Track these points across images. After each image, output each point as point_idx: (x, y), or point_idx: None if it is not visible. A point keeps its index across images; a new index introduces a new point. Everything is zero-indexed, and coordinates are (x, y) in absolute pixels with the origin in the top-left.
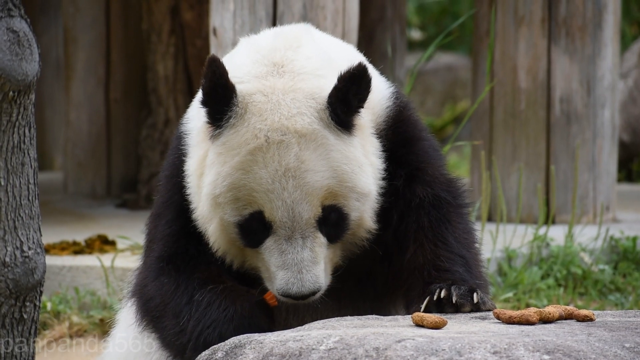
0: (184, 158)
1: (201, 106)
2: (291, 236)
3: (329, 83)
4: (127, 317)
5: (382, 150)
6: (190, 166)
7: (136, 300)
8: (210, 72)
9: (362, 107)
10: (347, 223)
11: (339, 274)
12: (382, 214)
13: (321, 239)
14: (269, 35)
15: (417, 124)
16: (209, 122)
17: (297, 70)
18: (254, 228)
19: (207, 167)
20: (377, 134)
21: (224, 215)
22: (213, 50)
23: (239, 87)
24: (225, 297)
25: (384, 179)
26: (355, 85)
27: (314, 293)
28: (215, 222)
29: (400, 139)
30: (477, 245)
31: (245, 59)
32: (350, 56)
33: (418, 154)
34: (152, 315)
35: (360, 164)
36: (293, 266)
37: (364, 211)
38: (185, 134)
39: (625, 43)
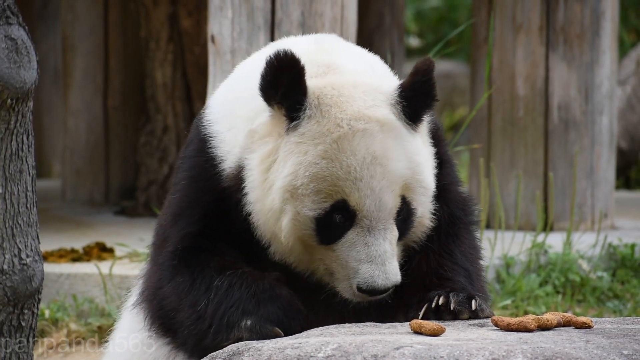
0: (214, 160)
1: (274, 103)
2: (374, 227)
3: (385, 82)
4: (128, 324)
5: None
6: (252, 161)
7: (147, 305)
8: (289, 65)
9: (435, 102)
10: (413, 219)
11: None
12: None
13: (396, 232)
14: (304, 42)
15: (446, 145)
16: (286, 115)
17: (351, 70)
18: (334, 221)
19: (281, 160)
20: None
21: (301, 209)
22: (211, 58)
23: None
24: (246, 278)
25: None
26: (429, 80)
27: (394, 286)
28: (288, 217)
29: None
30: (481, 261)
31: None
32: (379, 63)
33: (445, 175)
34: (166, 316)
35: (426, 160)
36: (377, 258)
37: (426, 209)
38: (212, 136)
39: (623, 50)
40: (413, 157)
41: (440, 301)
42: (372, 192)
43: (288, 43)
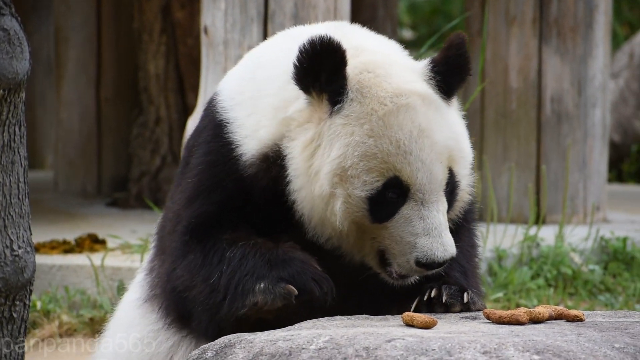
0: (231, 145)
1: (315, 88)
2: (427, 200)
3: (407, 59)
4: (128, 320)
5: None
6: (294, 149)
7: (161, 293)
8: (332, 50)
9: (470, 76)
10: (458, 192)
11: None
12: None
13: (446, 204)
14: (323, 28)
15: None
16: (329, 100)
17: (381, 50)
18: (387, 198)
19: (326, 144)
20: None
21: (353, 191)
22: (204, 50)
23: None
24: (259, 247)
25: None
26: (463, 54)
27: (451, 257)
28: (340, 201)
29: None
30: (478, 260)
31: None
32: (399, 46)
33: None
34: (179, 298)
35: (464, 131)
36: (434, 230)
37: (467, 182)
38: (229, 122)
39: (616, 43)
40: (454, 127)
41: (433, 294)
42: (423, 165)
43: (305, 30)
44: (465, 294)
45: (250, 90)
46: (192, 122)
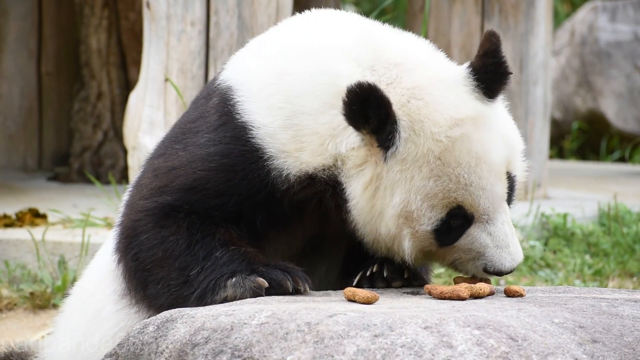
0: (258, 152)
1: (365, 133)
2: (492, 217)
3: (447, 65)
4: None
5: None
6: (354, 190)
7: (122, 256)
8: (376, 104)
9: (510, 77)
10: (515, 185)
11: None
12: None
13: (508, 209)
14: (348, 34)
15: None
16: (380, 146)
17: (418, 64)
18: (452, 226)
19: (386, 188)
20: None
21: (419, 227)
22: (146, 24)
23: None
24: (249, 257)
25: None
26: (500, 60)
27: (519, 262)
28: (407, 238)
29: None
30: None
31: (342, 65)
32: (419, 40)
33: None
34: (141, 269)
35: (511, 124)
36: (501, 243)
37: (521, 169)
38: (254, 126)
39: (558, 21)
40: (505, 132)
41: (375, 269)
42: (484, 192)
43: (328, 30)
44: (406, 270)
45: (279, 100)
46: (134, 97)
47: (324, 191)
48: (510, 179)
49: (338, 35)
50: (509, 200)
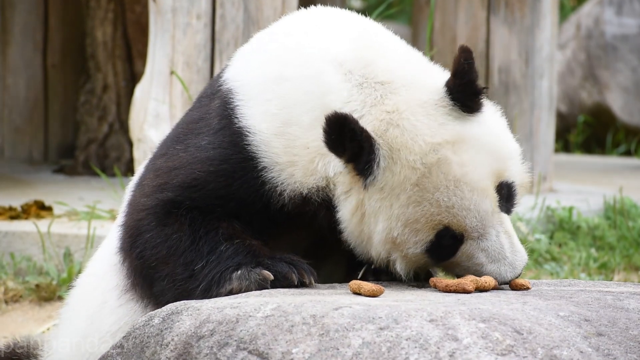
0: (253, 161)
1: (344, 161)
2: (484, 233)
3: (431, 81)
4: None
5: None
6: (344, 214)
7: (127, 255)
8: (351, 135)
9: (485, 92)
10: (515, 191)
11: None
12: None
13: (505, 217)
14: (340, 41)
15: None
16: (359, 175)
17: (402, 84)
18: (443, 245)
19: (371, 215)
20: None
21: (407, 251)
22: (152, 17)
23: (367, 127)
24: (254, 249)
25: None
26: (470, 81)
27: (524, 266)
28: (399, 260)
29: None
30: None
31: (333, 79)
32: (411, 52)
33: None
34: (146, 266)
35: (501, 131)
36: (498, 256)
37: (520, 173)
38: (250, 132)
39: (564, 14)
40: (492, 144)
41: None
42: (469, 211)
43: (323, 35)
44: None
45: (276, 106)
46: (140, 90)
47: (317, 210)
48: (507, 187)
49: (336, 43)
50: (509, 208)
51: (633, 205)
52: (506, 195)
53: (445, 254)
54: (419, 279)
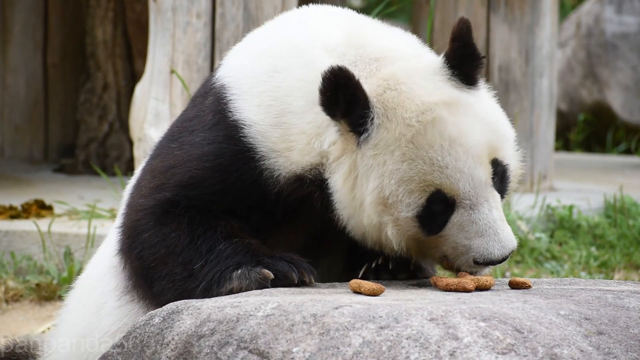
0: (249, 152)
1: (338, 120)
2: (476, 203)
3: (427, 56)
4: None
5: None
6: (336, 183)
7: (126, 256)
8: (344, 84)
9: (482, 61)
10: (509, 174)
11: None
12: None
13: (497, 196)
14: (333, 30)
15: None
16: (353, 131)
17: (397, 56)
18: (435, 211)
19: (362, 175)
20: None
21: (399, 215)
22: (152, 16)
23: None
24: (254, 248)
25: None
26: (467, 43)
27: (512, 251)
28: (391, 226)
29: None
30: None
31: (326, 62)
32: (405, 34)
33: None
34: (145, 267)
35: (499, 112)
36: (488, 230)
37: (515, 159)
38: (246, 124)
39: (564, 12)
40: (488, 117)
41: (380, 260)
42: (462, 174)
43: (317, 27)
44: (411, 262)
45: (269, 98)
46: (140, 89)
47: (312, 192)
48: (501, 167)
49: (326, 33)
50: (502, 190)
51: (633, 204)
52: (500, 174)
53: (436, 224)
54: (418, 276)
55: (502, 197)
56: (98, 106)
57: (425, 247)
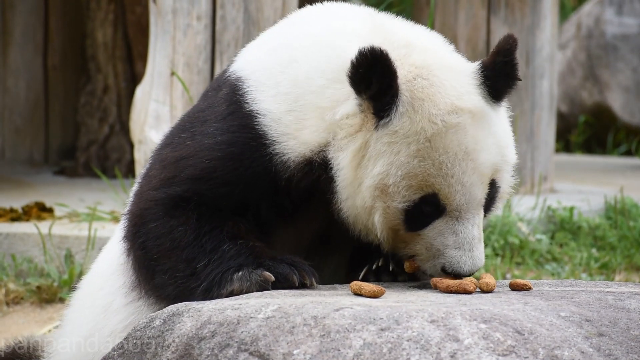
0: (263, 139)
1: (364, 98)
2: (463, 217)
3: (462, 59)
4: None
5: None
6: (343, 160)
7: (130, 244)
8: (383, 70)
9: (518, 82)
10: (498, 196)
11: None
12: None
13: (482, 215)
14: (358, 21)
15: None
16: (375, 114)
17: (430, 47)
18: (424, 211)
19: (372, 158)
20: None
21: (391, 203)
22: (152, 18)
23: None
24: (257, 251)
25: None
26: (511, 61)
27: (478, 269)
28: (379, 212)
29: None
30: None
31: (357, 43)
32: (434, 34)
33: None
34: (147, 258)
35: (510, 134)
36: (465, 244)
37: (508, 184)
38: (261, 114)
39: (564, 14)
40: (502, 140)
41: (380, 262)
42: (463, 187)
43: (338, 18)
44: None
45: (286, 86)
46: (140, 91)
47: (319, 177)
48: (494, 188)
49: (349, 22)
50: (487, 209)
51: (634, 205)
52: (491, 195)
53: (419, 223)
54: (419, 277)
55: (486, 214)
56: (98, 108)
57: (401, 241)
